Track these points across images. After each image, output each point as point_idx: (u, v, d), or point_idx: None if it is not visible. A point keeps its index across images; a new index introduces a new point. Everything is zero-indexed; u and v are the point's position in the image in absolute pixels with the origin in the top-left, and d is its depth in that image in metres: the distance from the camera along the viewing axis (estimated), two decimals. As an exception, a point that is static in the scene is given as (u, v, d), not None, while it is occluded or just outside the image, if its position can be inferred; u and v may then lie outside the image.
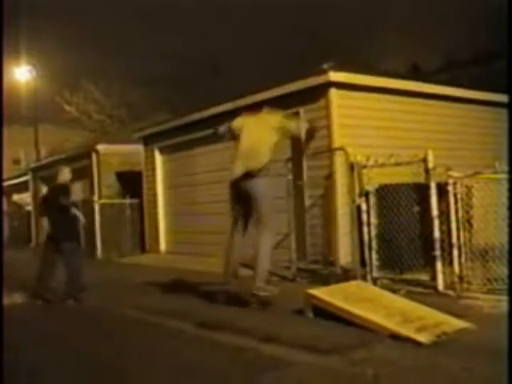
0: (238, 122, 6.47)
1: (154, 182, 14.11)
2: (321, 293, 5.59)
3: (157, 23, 37.96)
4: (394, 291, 6.15)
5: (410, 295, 6.07)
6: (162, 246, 13.92)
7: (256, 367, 4.22)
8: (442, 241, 6.42)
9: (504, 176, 6.00)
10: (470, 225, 6.44)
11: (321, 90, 9.07)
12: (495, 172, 6.15)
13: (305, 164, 9.34)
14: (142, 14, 37.01)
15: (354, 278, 7.00)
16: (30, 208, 22.22)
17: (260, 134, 6.19)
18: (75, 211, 7.87)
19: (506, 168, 6.02)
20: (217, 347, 4.89)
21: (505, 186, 5.98)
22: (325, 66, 8.98)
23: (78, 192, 18.04)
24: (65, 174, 8.41)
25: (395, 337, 4.57)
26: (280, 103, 9.75)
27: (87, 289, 7.56)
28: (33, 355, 4.99)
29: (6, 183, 24.52)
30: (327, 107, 9.02)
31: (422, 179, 6.62)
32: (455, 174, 6.32)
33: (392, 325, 4.75)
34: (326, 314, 5.31)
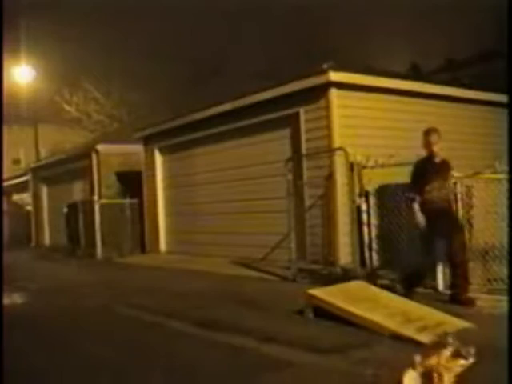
0: None
1: (153, 181, 14.11)
2: (321, 293, 5.59)
3: (157, 23, 37.96)
4: (394, 291, 6.15)
5: (410, 295, 6.07)
6: (162, 245, 13.92)
7: (256, 367, 4.22)
8: (442, 241, 6.40)
9: (504, 176, 6.00)
10: (470, 225, 6.44)
11: (321, 90, 9.07)
12: (495, 172, 6.15)
13: (305, 164, 9.34)
14: (141, 14, 37.00)
15: (354, 278, 7.00)
16: (29, 208, 22.22)
17: None
18: None
19: (506, 168, 6.02)
20: (217, 347, 4.89)
21: (505, 185, 5.98)
22: (325, 65, 8.98)
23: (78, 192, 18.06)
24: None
25: (396, 337, 4.57)
26: (280, 103, 9.81)
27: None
28: (33, 355, 4.99)
29: (5, 183, 24.51)
30: (327, 107, 9.02)
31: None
32: (455, 173, 6.32)
33: (392, 325, 4.75)
34: (326, 314, 5.31)
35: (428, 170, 5.86)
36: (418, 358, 3.41)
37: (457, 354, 3.50)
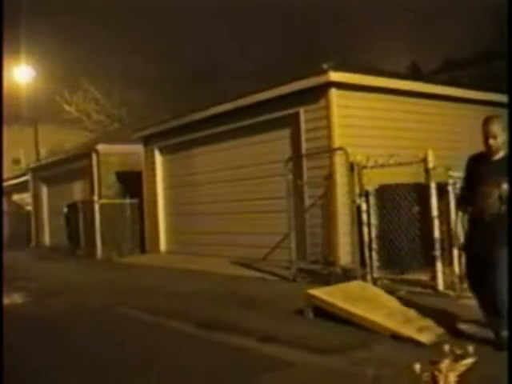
0: None
1: (153, 181, 14.11)
2: (321, 293, 5.59)
3: (157, 23, 37.97)
4: (394, 291, 6.15)
5: (410, 295, 6.07)
6: (162, 245, 13.92)
7: (256, 367, 4.22)
8: (442, 241, 6.41)
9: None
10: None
11: (321, 90, 9.07)
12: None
13: (305, 164, 9.34)
14: (141, 14, 37.00)
15: (354, 278, 7.00)
16: (29, 208, 22.22)
17: None
18: None
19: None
20: (217, 347, 4.89)
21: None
22: (325, 65, 8.98)
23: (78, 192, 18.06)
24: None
25: (396, 337, 4.57)
26: (280, 103, 9.80)
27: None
28: (33, 355, 4.99)
29: (5, 183, 24.51)
30: (327, 107, 9.02)
31: (422, 179, 6.62)
32: (455, 173, 6.31)
33: (393, 325, 4.75)
34: (326, 314, 5.31)
35: (479, 169, 4.49)
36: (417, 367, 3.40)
37: (456, 358, 3.50)
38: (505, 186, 4.25)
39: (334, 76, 8.86)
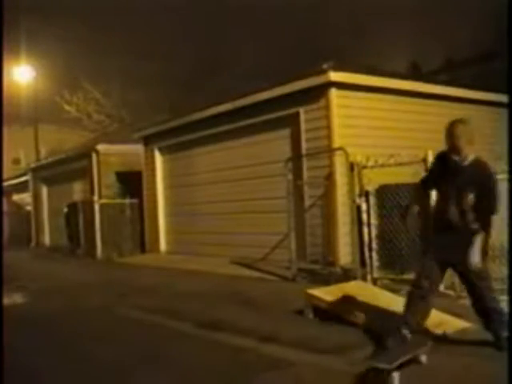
0: None
1: (153, 182, 14.11)
2: (321, 293, 5.59)
3: (157, 23, 37.98)
4: (394, 291, 6.15)
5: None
6: (162, 245, 13.92)
7: (256, 367, 4.22)
8: (442, 241, 6.40)
9: (504, 176, 5.99)
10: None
11: (321, 90, 9.07)
12: (495, 172, 6.12)
13: (305, 164, 9.34)
14: (141, 14, 37.03)
15: (354, 278, 7.00)
16: (29, 208, 22.22)
17: None
18: None
19: (505, 168, 6.01)
20: (217, 347, 4.90)
21: (505, 185, 5.97)
22: (325, 66, 8.98)
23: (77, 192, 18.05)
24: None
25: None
26: (280, 103, 9.81)
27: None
28: (33, 355, 5.00)
29: (5, 183, 24.50)
30: (327, 107, 9.02)
31: (422, 179, 6.61)
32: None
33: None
34: (326, 314, 5.31)
35: (445, 173, 4.36)
36: None
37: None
38: (471, 196, 4.17)
39: (334, 76, 8.86)
